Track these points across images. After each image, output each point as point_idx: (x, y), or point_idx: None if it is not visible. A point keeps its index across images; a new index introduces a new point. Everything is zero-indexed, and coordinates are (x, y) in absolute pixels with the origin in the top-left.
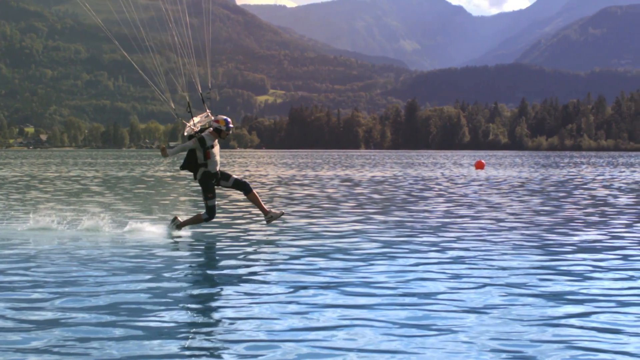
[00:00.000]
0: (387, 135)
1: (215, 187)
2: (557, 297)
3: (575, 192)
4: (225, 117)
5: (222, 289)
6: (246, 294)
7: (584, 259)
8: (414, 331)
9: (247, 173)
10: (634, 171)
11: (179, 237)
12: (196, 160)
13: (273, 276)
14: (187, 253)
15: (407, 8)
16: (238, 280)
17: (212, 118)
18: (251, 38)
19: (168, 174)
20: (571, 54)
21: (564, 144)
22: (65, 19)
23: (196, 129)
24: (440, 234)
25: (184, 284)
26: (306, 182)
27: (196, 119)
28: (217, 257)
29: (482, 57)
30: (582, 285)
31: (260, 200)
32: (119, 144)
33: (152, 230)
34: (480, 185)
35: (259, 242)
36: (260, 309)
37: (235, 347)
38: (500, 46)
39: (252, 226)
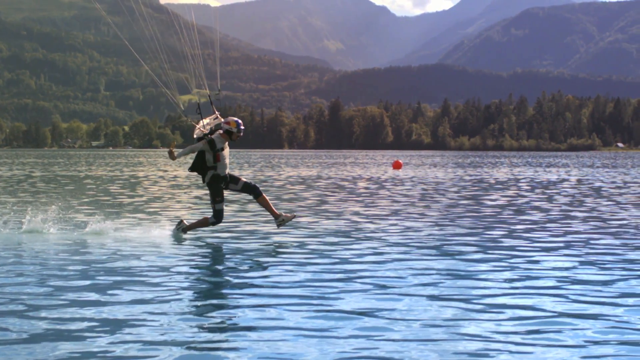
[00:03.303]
0: (310, 135)
1: (224, 190)
2: (448, 299)
3: (486, 192)
4: (236, 118)
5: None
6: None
7: (479, 260)
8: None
9: (160, 173)
10: (549, 171)
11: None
12: (205, 162)
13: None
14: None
15: (331, 8)
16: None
17: (222, 120)
18: (174, 37)
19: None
20: (494, 54)
21: (486, 144)
22: None
23: (206, 131)
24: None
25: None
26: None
27: (205, 121)
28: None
29: (406, 58)
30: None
31: (270, 203)
32: (41, 144)
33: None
34: (394, 184)
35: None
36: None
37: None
38: (424, 47)
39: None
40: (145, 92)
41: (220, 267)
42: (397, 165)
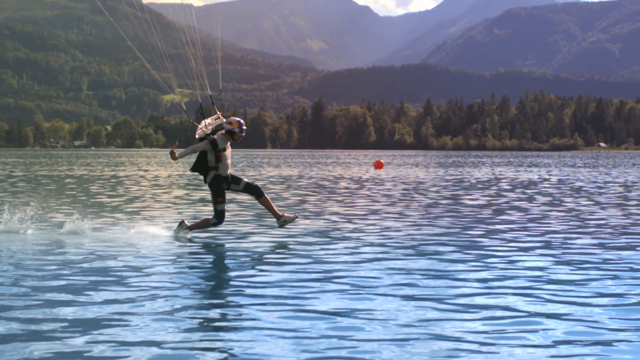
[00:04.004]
0: (293, 134)
1: (226, 191)
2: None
3: (466, 191)
4: (238, 119)
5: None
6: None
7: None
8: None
9: (141, 173)
10: (531, 171)
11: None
12: (207, 162)
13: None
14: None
15: (314, 8)
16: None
17: (224, 120)
18: (158, 37)
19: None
20: (476, 54)
21: (468, 143)
22: None
23: (208, 131)
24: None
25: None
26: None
27: (207, 121)
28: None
29: (389, 57)
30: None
31: (272, 204)
32: (23, 143)
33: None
34: (375, 184)
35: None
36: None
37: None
38: (407, 46)
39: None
40: (128, 92)
41: (196, 267)
42: (378, 165)
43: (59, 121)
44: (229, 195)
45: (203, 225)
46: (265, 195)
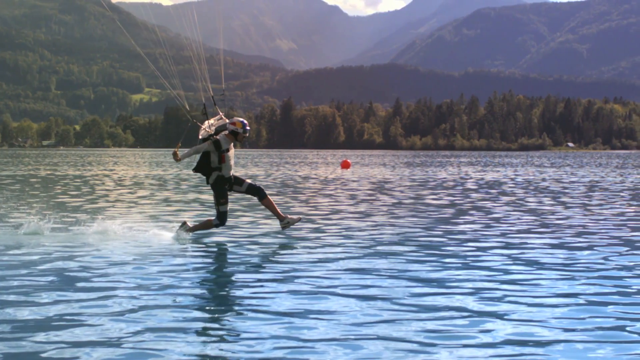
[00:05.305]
0: (262, 134)
1: (228, 192)
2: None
3: (431, 191)
4: (242, 119)
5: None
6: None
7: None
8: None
9: (107, 172)
10: (489, 170)
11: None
12: (210, 163)
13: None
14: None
15: (283, 7)
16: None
17: (227, 121)
18: (126, 36)
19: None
20: (445, 54)
21: (437, 143)
22: None
23: (211, 132)
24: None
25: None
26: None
27: (210, 121)
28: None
29: (358, 57)
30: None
31: (275, 205)
32: None
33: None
34: (343, 183)
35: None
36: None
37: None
38: (376, 46)
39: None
40: (96, 91)
41: (151, 268)
42: (345, 165)
43: (27, 121)
44: (186, 195)
45: (205, 226)
46: (269, 196)
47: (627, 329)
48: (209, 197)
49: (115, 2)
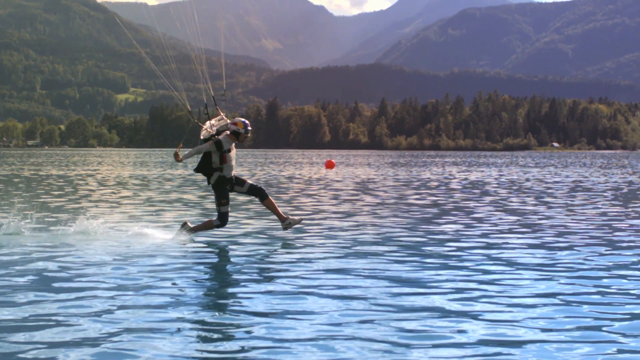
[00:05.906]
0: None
1: (230, 192)
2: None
3: (414, 191)
4: (243, 119)
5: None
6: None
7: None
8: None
9: (90, 172)
10: (473, 170)
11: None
12: (211, 163)
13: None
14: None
15: (269, 7)
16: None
17: (228, 121)
18: (112, 36)
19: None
20: (431, 54)
21: (423, 143)
22: None
23: (212, 132)
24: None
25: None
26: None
27: (212, 122)
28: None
29: (343, 57)
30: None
31: (276, 206)
32: None
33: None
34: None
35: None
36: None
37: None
38: (361, 46)
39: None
40: (81, 91)
41: (130, 268)
42: (329, 165)
43: (12, 120)
44: (173, 195)
45: (206, 227)
46: (270, 197)
47: (604, 329)
48: (191, 197)
49: (101, 1)
